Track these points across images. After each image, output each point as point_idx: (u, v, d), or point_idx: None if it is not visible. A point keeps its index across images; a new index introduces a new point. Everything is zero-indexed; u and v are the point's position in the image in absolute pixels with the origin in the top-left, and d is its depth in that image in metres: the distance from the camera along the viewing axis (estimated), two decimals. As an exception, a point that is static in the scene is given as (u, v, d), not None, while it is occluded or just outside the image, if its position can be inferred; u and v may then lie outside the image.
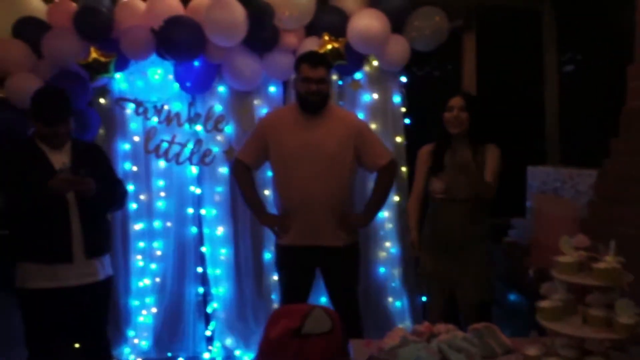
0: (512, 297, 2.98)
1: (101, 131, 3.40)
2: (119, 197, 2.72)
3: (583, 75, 3.74)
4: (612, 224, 2.14)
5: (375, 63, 3.46)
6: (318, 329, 1.22)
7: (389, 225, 3.56)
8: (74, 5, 3.13)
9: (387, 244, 3.57)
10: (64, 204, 2.41)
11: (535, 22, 3.72)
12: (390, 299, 3.58)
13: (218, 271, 3.52)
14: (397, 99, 3.54)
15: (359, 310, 2.98)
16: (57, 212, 2.41)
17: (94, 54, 3.08)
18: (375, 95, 3.51)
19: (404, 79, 3.54)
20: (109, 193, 2.60)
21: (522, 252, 2.86)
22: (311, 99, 2.74)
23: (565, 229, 2.35)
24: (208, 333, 3.58)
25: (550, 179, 2.93)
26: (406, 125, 3.57)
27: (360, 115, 3.50)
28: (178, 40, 3.07)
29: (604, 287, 1.58)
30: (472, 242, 2.61)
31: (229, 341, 3.54)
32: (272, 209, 3.13)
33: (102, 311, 2.69)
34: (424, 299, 3.62)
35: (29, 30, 3.10)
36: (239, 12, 3.07)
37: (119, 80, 3.36)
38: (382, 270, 3.58)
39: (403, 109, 3.56)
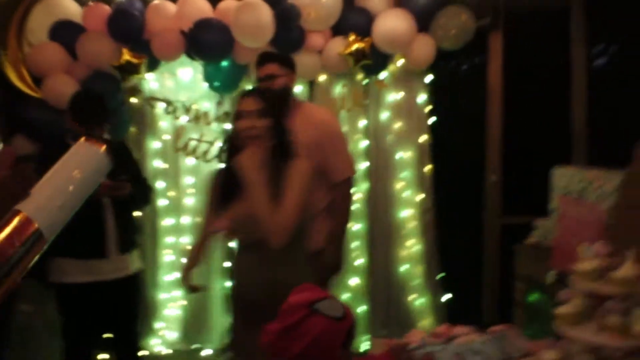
0: (533, 297, 2.99)
1: (132, 129, 3.51)
2: (148, 196, 2.84)
3: (615, 72, 3.68)
4: (635, 230, 2.13)
5: (400, 62, 3.48)
6: (327, 311, 1.30)
7: (412, 224, 3.59)
8: (107, 8, 3.24)
9: (409, 243, 3.60)
10: (99, 204, 2.52)
11: (563, 19, 3.68)
12: (411, 297, 3.62)
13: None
14: (422, 98, 3.55)
15: None
16: (93, 211, 2.49)
17: (126, 56, 3.18)
18: (401, 95, 3.53)
19: (429, 78, 3.55)
20: (139, 192, 2.70)
21: (544, 253, 2.86)
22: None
23: (588, 232, 2.36)
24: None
25: (575, 181, 2.91)
26: (431, 125, 3.59)
27: (385, 114, 3.54)
28: (207, 42, 3.16)
29: (621, 294, 1.59)
30: None
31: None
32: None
33: (134, 303, 2.81)
34: (446, 297, 3.66)
35: (65, 33, 3.22)
36: (266, 14, 3.13)
37: (150, 80, 3.46)
38: (404, 268, 3.62)
39: (428, 108, 3.58)
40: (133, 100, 3.48)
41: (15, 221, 1.16)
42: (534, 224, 3.09)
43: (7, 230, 1.14)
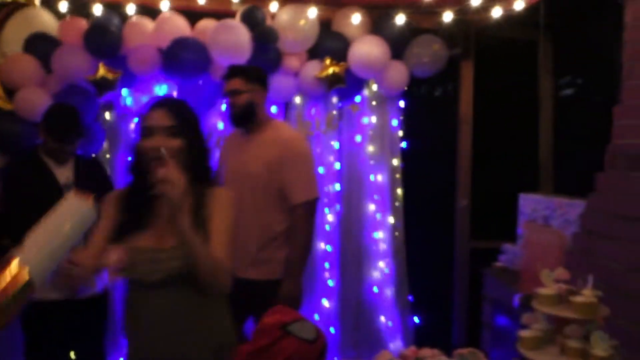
0: (500, 320, 3.04)
1: (105, 144, 3.48)
2: None
3: (580, 102, 3.83)
4: (593, 257, 2.21)
5: (374, 87, 3.56)
6: (300, 334, 1.32)
7: (383, 246, 3.63)
8: (84, 22, 3.23)
9: (381, 264, 3.64)
10: None
11: (532, 50, 3.82)
12: (382, 318, 3.65)
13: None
14: (395, 122, 3.62)
15: None
16: None
17: (102, 71, 3.17)
18: (374, 119, 3.60)
19: (402, 103, 3.63)
20: None
21: (512, 277, 2.93)
22: (230, 113, 2.64)
23: (552, 257, 2.43)
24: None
25: (540, 207, 3.00)
26: (403, 149, 3.66)
27: (358, 138, 3.60)
28: (184, 60, 3.17)
29: (581, 319, 1.65)
30: None
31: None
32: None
33: (102, 322, 2.76)
34: (416, 319, 3.70)
35: (40, 45, 3.19)
36: (244, 35, 3.17)
37: (125, 96, 3.44)
38: (375, 289, 3.64)
39: (400, 133, 3.65)
40: (107, 115, 3.45)
41: (11, 269, 1.29)
42: (502, 248, 3.17)
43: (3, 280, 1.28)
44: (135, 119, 3.43)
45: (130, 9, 3.26)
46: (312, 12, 3.25)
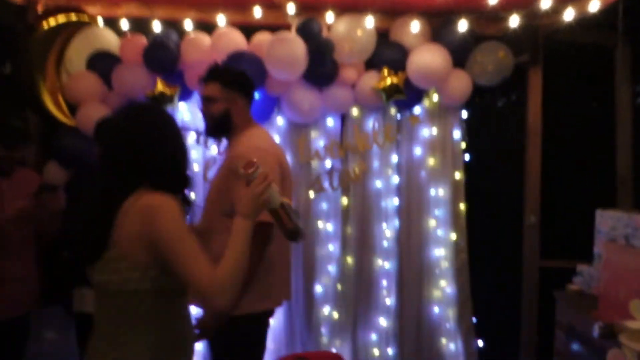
0: (575, 347, 2.79)
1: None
2: None
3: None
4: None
5: (435, 98, 3.40)
6: None
7: (445, 264, 3.45)
8: (144, 40, 3.28)
9: (442, 283, 3.45)
10: None
11: (607, 56, 3.55)
12: (444, 341, 3.45)
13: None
14: (457, 134, 3.45)
15: None
16: None
17: (160, 87, 3.20)
18: (435, 130, 3.44)
19: (465, 114, 3.46)
20: None
21: (588, 302, 2.68)
22: (204, 121, 2.33)
23: (637, 283, 2.19)
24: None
25: (620, 225, 2.74)
26: (466, 161, 3.47)
27: (418, 151, 3.45)
28: (240, 74, 3.14)
29: (678, 357, 1.44)
30: None
31: (277, 374, 3.51)
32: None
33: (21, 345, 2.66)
34: (480, 343, 3.48)
35: (102, 63, 3.26)
36: (300, 48, 3.11)
37: (182, 111, 3.46)
38: (436, 310, 3.46)
39: (463, 145, 3.47)
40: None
41: None
42: (577, 269, 2.92)
43: None
44: (192, 134, 3.45)
45: (188, 25, 3.28)
46: (370, 21, 3.16)
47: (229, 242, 1.54)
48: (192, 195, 3.52)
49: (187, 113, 3.49)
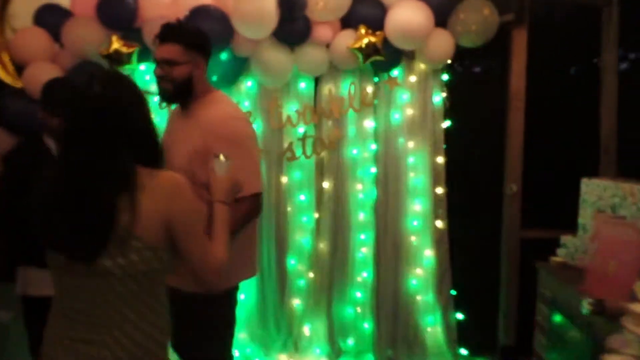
0: (558, 319, 2.69)
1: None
2: None
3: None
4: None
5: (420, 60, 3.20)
6: None
7: (423, 235, 3.30)
8: (97, -9, 2.98)
9: (420, 255, 3.31)
10: None
11: (594, 17, 3.39)
12: (421, 314, 3.33)
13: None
14: (437, 98, 3.27)
15: None
16: None
17: (115, 44, 2.92)
18: (414, 95, 3.25)
19: (445, 77, 3.27)
20: None
21: (573, 274, 2.57)
22: (160, 86, 2.09)
23: (629, 256, 2.06)
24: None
25: (607, 195, 2.61)
26: (446, 128, 3.30)
27: (397, 115, 3.26)
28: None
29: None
30: None
31: (249, 349, 3.36)
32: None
33: None
34: (459, 316, 3.38)
35: (51, 17, 2.96)
36: (270, 2, 2.86)
37: (143, 72, 3.19)
38: (414, 282, 3.33)
39: (443, 110, 3.29)
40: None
41: None
42: (560, 240, 2.79)
43: None
44: (154, 97, 3.18)
45: (146, -25, 2.99)
46: (345, -25, 2.92)
47: (216, 225, 1.58)
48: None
49: (148, 74, 3.22)
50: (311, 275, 3.34)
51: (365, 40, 2.99)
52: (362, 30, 2.99)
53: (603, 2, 3.28)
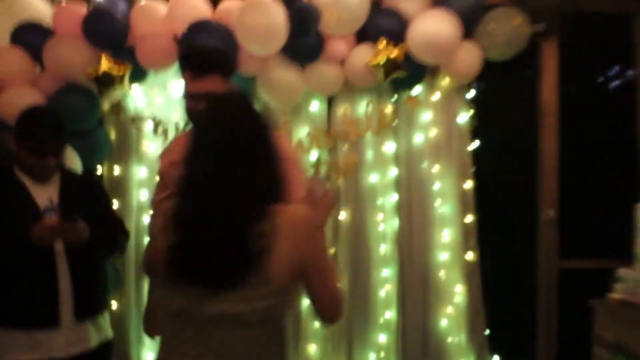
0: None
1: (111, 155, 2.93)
2: (118, 242, 2.25)
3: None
4: None
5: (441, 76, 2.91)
6: None
7: (453, 269, 2.98)
8: (83, 9, 2.68)
9: (450, 291, 2.98)
10: (49, 255, 1.95)
11: (623, 27, 3.15)
12: (454, 358, 3.00)
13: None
14: (462, 118, 2.97)
15: None
16: (41, 264, 1.94)
17: (105, 65, 2.60)
18: (437, 114, 2.96)
19: (471, 94, 2.98)
20: (106, 239, 2.13)
21: (638, 314, 2.25)
22: (192, 119, 1.91)
23: None
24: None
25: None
26: (473, 150, 3.00)
27: (419, 137, 2.96)
28: (205, 49, 2.58)
29: None
30: None
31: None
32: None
33: None
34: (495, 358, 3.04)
35: (31, 36, 2.64)
36: (278, 15, 2.56)
37: (135, 96, 2.88)
38: (443, 322, 2.99)
39: (470, 130, 2.99)
40: (114, 119, 2.91)
41: None
42: (617, 274, 2.48)
43: None
44: (148, 124, 2.87)
45: (138, -12, 2.69)
46: (361, -17, 2.63)
47: None
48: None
49: (142, 98, 2.91)
50: (328, 317, 3.00)
51: (385, 55, 2.69)
52: (382, 44, 2.70)
53: (633, 9, 3.03)
